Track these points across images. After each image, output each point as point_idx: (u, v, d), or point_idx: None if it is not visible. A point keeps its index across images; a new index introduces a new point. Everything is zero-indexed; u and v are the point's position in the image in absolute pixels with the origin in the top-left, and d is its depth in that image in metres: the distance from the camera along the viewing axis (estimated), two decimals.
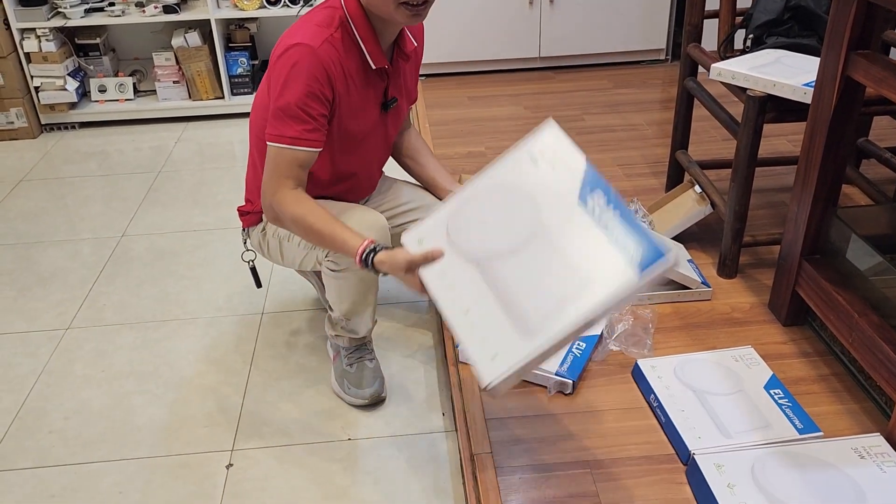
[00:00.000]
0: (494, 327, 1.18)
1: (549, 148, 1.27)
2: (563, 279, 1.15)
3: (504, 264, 1.22)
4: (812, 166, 1.56)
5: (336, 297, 1.59)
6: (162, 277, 2.23)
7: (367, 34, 1.46)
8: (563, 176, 1.23)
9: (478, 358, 1.18)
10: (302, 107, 1.41)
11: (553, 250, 1.18)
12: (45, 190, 2.80)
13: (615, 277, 1.10)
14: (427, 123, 3.01)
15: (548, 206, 1.23)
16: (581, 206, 1.19)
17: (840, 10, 1.41)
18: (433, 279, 1.29)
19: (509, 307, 1.18)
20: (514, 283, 1.19)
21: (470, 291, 1.23)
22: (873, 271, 1.50)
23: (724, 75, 1.75)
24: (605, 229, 1.14)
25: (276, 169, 1.46)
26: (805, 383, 1.57)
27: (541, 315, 1.14)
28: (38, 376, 1.84)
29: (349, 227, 1.42)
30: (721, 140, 2.74)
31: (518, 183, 1.28)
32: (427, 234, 1.35)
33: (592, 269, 1.13)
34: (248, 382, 1.79)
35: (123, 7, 3.18)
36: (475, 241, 1.28)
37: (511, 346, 1.14)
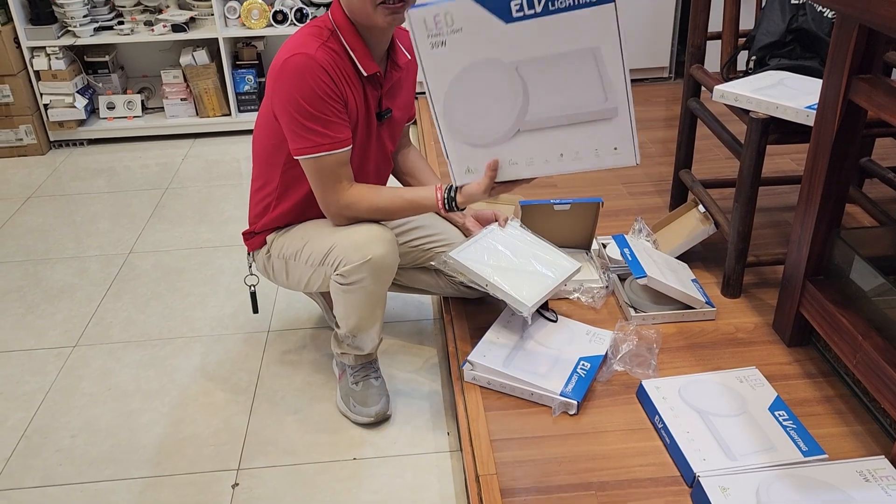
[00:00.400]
0: (589, 138, 1.36)
1: (434, 24, 1.34)
2: (579, 66, 1.31)
3: (532, 111, 1.37)
4: (815, 188, 1.58)
5: (343, 312, 1.60)
6: (168, 294, 2.24)
7: (355, 42, 1.50)
8: (474, 26, 1.33)
9: (607, 162, 1.39)
10: (318, 110, 1.44)
11: (545, 64, 1.33)
12: (54, 206, 2.82)
13: (604, 22, 1.28)
14: (432, 142, 3.03)
15: (498, 51, 1.34)
16: (515, 23, 1.31)
17: (841, 35, 1.43)
18: (513, 172, 1.44)
19: (577, 120, 1.36)
20: (555, 108, 1.36)
21: (542, 147, 1.39)
22: (877, 293, 1.51)
23: (728, 97, 1.76)
24: (550, 11, 1.29)
25: (322, 180, 1.51)
26: (809, 405, 1.57)
27: (600, 99, 1.33)
28: (46, 394, 1.85)
29: (416, 189, 1.56)
30: (724, 158, 2.76)
31: (458, 68, 1.37)
32: (465, 162, 1.47)
33: (585, 40, 1.30)
34: (254, 401, 1.80)
35: (133, 26, 3.22)
36: (497, 126, 1.40)
37: (616, 131, 1.35)
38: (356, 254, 1.50)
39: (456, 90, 1.39)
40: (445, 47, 1.35)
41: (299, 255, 1.61)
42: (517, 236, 1.79)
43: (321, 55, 1.44)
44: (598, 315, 1.87)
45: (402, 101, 1.68)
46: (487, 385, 1.64)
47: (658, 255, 1.96)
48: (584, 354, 1.67)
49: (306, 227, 1.64)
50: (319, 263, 1.58)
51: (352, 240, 1.52)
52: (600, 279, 1.96)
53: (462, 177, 1.48)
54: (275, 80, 1.46)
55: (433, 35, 1.35)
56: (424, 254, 1.80)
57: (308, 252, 1.59)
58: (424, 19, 1.34)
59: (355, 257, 1.50)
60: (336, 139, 1.47)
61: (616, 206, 2.43)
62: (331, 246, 1.54)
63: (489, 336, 1.72)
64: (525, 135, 1.40)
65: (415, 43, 1.36)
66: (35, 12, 3.12)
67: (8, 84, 3.10)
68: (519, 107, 1.38)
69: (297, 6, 3.23)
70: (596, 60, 1.30)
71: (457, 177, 1.49)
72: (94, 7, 3.21)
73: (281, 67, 1.44)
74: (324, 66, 1.43)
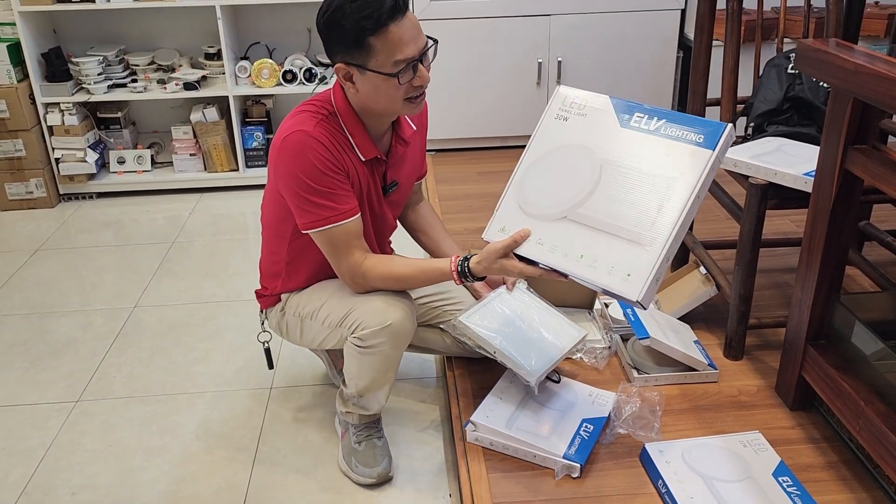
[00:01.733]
0: (614, 254, 1.32)
1: (570, 103, 1.45)
2: (649, 188, 1.31)
3: (588, 206, 1.37)
4: (814, 253, 1.60)
5: (356, 372, 1.60)
6: (172, 349, 2.25)
7: (354, 128, 1.52)
8: (596, 116, 1.42)
9: (614, 283, 1.30)
10: (321, 185, 1.46)
11: (626, 172, 1.35)
12: (61, 259, 2.85)
13: (694, 163, 1.29)
14: (437, 198, 3.08)
15: (599, 145, 1.39)
16: (627, 129, 1.37)
17: (836, 108, 1.47)
18: (534, 251, 1.41)
19: (616, 233, 1.33)
20: (607, 213, 1.35)
21: (573, 241, 1.37)
22: (878, 357, 1.52)
23: (727, 163, 1.80)
24: (660, 134, 1.34)
25: (335, 251, 1.52)
26: (813, 470, 1.57)
27: (647, 224, 1.30)
28: (47, 449, 1.84)
29: (431, 261, 1.55)
30: (725, 219, 2.79)
31: (561, 142, 1.44)
32: (505, 220, 1.48)
33: (670, 168, 1.31)
34: (256, 459, 1.80)
35: (146, 84, 3.30)
36: (552, 203, 1.41)
37: (638, 260, 1.29)
38: (376, 318, 1.51)
39: (546, 159, 1.46)
40: (566, 122, 1.45)
41: (316, 315, 1.62)
42: (525, 301, 1.80)
43: (318, 131, 1.46)
44: (600, 376, 1.88)
45: (410, 169, 1.71)
46: (490, 446, 1.63)
47: (660, 315, 1.97)
48: (586, 416, 1.67)
49: (325, 286, 1.65)
50: (337, 325, 1.58)
51: (372, 304, 1.53)
52: (603, 339, 1.97)
53: (494, 233, 1.48)
54: (276, 158, 1.49)
55: (563, 110, 1.46)
56: (431, 312, 1.81)
57: (326, 313, 1.60)
58: (566, 97, 1.46)
59: (375, 322, 1.51)
60: (342, 210, 1.49)
61: None
62: (350, 309, 1.55)
63: (492, 396, 1.72)
64: (567, 223, 1.39)
65: (546, 110, 1.48)
66: (51, 70, 3.21)
67: (21, 139, 3.17)
68: (582, 196, 1.38)
69: (307, 66, 3.32)
70: (667, 189, 1.30)
71: (489, 231, 1.49)
72: (108, 65, 3.30)
73: (280, 146, 1.47)
74: (322, 141, 1.45)
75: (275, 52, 3.51)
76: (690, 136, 1.31)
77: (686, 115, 1.34)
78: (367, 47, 1.39)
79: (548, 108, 1.48)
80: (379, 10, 1.36)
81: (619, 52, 3.45)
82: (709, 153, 1.29)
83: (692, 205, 1.29)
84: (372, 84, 1.44)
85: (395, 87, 1.43)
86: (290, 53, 3.42)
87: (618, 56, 3.46)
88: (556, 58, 3.43)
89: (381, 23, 1.37)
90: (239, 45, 3.48)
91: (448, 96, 3.41)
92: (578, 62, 3.46)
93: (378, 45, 1.39)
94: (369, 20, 1.36)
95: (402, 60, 1.41)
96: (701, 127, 1.31)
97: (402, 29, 1.39)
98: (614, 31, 3.41)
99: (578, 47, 3.43)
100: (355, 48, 1.40)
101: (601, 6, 3.37)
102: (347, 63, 1.43)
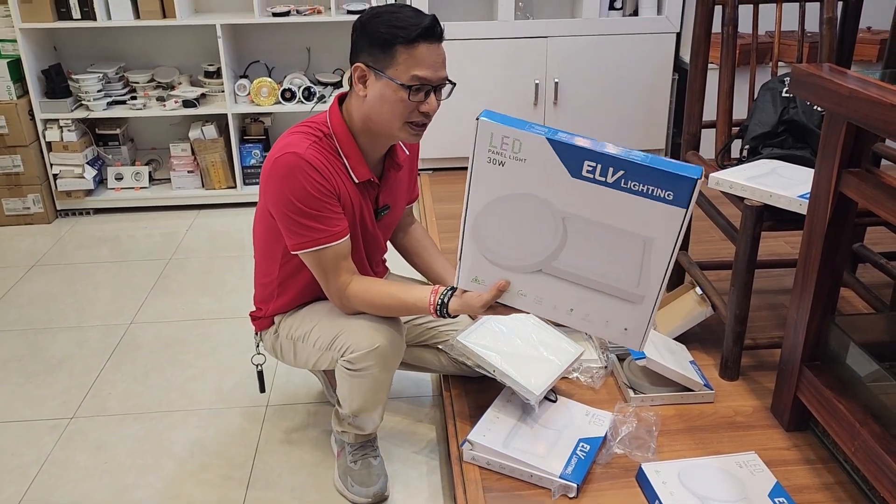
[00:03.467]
0: (606, 310, 1.29)
1: (500, 142, 1.25)
2: (625, 247, 1.25)
3: (562, 260, 1.30)
4: (809, 275, 1.61)
5: (348, 395, 1.61)
6: (168, 366, 2.25)
7: (349, 150, 1.53)
8: (538, 163, 1.23)
9: (614, 336, 1.30)
10: (311, 207, 1.46)
11: (596, 229, 1.25)
12: (57, 275, 2.85)
13: (669, 224, 1.20)
14: (434, 217, 3.09)
15: (553, 197, 1.25)
16: (581, 180, 1.22)
17: (830, 131, 1.49)
18: (518, 302, 1.37)
19: (602, 290, 1.29)
20: (586, 269, 1.29)
21: (558, 294, 1.32)
22: (873, 379, 1.52)
23: (723, 185, 1.82)
24: (621, 188, 1.19)
25: (323, 272, 1.52)
26: (809, 492, 1.57)
27: (632, 283, 1.26)
28: (41, 466, 1.83)
29: (413, 291, 1.52)
30: (720, 239, 2.80)
31: (506, 191, 1.28)
32: (476, 270, 1.38)
33: (643, 226, 1.22)
34: (251, 477, 1.79)
35: (145, 101, 3.32)
36: (520, 255, 1.33)
37: (632, 316, 1.27)
38: (364, 341, 1.51)
39: (495, 209, 1.31)
40: (502, 168, 1.26)
41: (307, 338, 1.63)
42: (521, 318, 1.81)
43: (311, 154, 1.46)
44: (596, 395, 1.88)
45: (403, 193, 1.73)
46: (486, 465, 1.63)
47: (656, 335, 1.98)
48: (583, 435, 1.67)
49: (316, 309, 1.66)
50: (327, 348, 1.59)
51: (360, 327, 1.54)
52: (599, 359, 1.98)
53: (467, 283, 1.41)
54: (266, 179, 1.50)
55: (495, 152, 1.26)
56: (428, 332, 1.82)
57: (316, 335, 1.61)
58: (492, 134, 1.24)
59: (363, 345, 1.51)
60: (331, 232, 1.49)
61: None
62: (339, 332, 1.56)
63: (489, 415, 1.72)
64: (545, 276, 1.33)
65: (474, 149, 1.27)
66: (51, 86, 3.23)
67: (20, 154, 3.18)
68: (551, 251, 1.31)
69: (305, 85, 3.34)
70: (644, 249, 1.24)
71: (461, 280, 1.41)
72: (108, 82, 3.32)
73: (272, 167, 1.48)
74: (314, 164, 1.46)
75: (274, 71, 3.54)
76: (658, 192, 1.18)
77: (645, 163, 1.17)
78: (393, 54, 1.43)
79: (476, 148, 1.27)
80: (416, 25, 1.41)
81: (616, 74, 3.49)
82: (682, 211, 1.18)
83: (673, 260, 1.24)
84: (382, 91, 1.46)
85: (403, 101, 1.45)
86: (290, 72, 3.45)
87: (614, 78, 3.50)
88: (553, 79, 3.46)
89: (414, 37, 1.41)
90: (238, 64, 3.51)
91: (445, 116, 3.43)
92: (575, 84, 3.49)
93: (403, 55, 1.42)
94: (404, 30, 1.41)
95: (419, 78, 1.43)
96: (667, 182, 1.17)
97: (431, 52, 1.44)
98: (611, 53, 3.45)
99: (575, 69, 3.46)
100: (381, 52, 1.43)
101: (598, 29, 3.41)
102: (367, 65, 1.46)
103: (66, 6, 3.11)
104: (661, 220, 1.20)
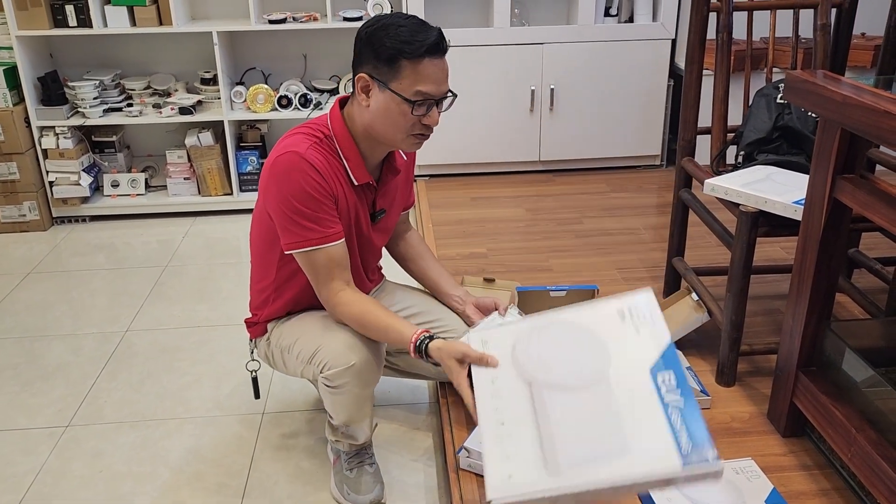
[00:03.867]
0: (522, 450, 1.14)
1: (641, 312, 1.25)
2: (607, 437, 1.12)
3: (555, 397, 1.20)
4: (805, 281, 1.61)
5: (332, 409, 1.62)
6: (164, 374, 2.24)
7: (350, 153, 1.54)
8: (646, 342, 1.21)
9: (493, 470, 1.14)
10: (308, 207, 1.47)
11: (608, 405, 1.16)
12: (53, 283, 2.84)
13: (657, 459, 1.07)
14: (430, 223, 3.09)
15: (619, 363, 1.21)
16: (651, 377, 1.16)
17: (825, 137, 1.49)
18: (482, 381, 1.28)
19: (545, 438, 1.15)
20: (559, 418, 1.17)
21: (514, 407, 1.21)
22: (869, 384, 1.52)
23: (718, 191, 1.82)
24: (666, 409, 1.12)
25: (316, 275, 1.53)
26: (806, 498, 1.57)
27: (571, 460, 1.11)
28: (37, 475, 1.83)
29: (398, 322, 1.50)
30: (716, 245, 2.81)
31: (599, 330, 1.26)
32: (493, 339, 1.33)
33: (639, 441, 1.10)
34: (247, 485, 1.78)
35: (141, 108, 3.32)
36: (537, 364, 1.25)
37: (530, 475, 1.11)
38: (340, 359, 1.51)
39: None
40: None
41: (291, 349, 1.63)
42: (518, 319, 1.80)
43: (312, 154, 1.47)
44: None
45: (399, 198, 1.73)
46: (483, 472, 1.62)
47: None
48: None
49: (301, 321, 1.66)
50: (308, 362, 1.59)
51: (337, 343, 1.54)
52: None
53: (473, 336, 1.35)
54: (266, 178, 1.51)
55: None
56: None
57: (298, 349, 1.61)
58: None
59: (339, 362, 1.51)
60: (325, 234, 1.50)
61: (611, 291, 2.44)
62: (318, 347, 1.56)
63: None
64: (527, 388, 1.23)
65: None
66: (47, 94, 3.23)
67: (15, 161, 3.17)
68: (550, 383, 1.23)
69: (302, 92, 3.34)
70: None
71: (470, 332, 1.37)
72: (104, 89, 3.32)
73: (272, 165, 1.49)
74: (314, 164, 1.46)
75: (270, 78, 3.54)
76: (683, 437, 1.09)
77: (699, 418, 1.10)
78: (398, 68, 1.43)
79: (624, 296, 1.27)
80: (423, 41, 1.42)
81: (612, 80, 3.50)
82: (675, 468, 1.06)
83: (614, 489, 1.08)
84: (385, 104, 1.46)
85: (406, 115, 1.46)
86: (286, 79, 3.45)
87: (610, 85, 3.51)
88: (549, 86, 3.47)
89: (420, 53, 1.42)
90: (235, 71, 3.51)
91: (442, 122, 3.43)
92: (571, 90, 3.50)
93: (408, 70, 1.43)
94: (410, 45, 1.42)
95: (423, 93, 1.44)
96: (697, 440, 1.07)
97: (435, 67, 1.45)
98: (606, 60, 3.46)
99: (571, 76, 3.47)
100: (386, 65, 1.44)
101: (593, 36, 3.42)
102: (372, 76, 1.46)
103: (62, 14, 3.12)
104: (655, 452, 1.08)
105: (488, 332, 1.37)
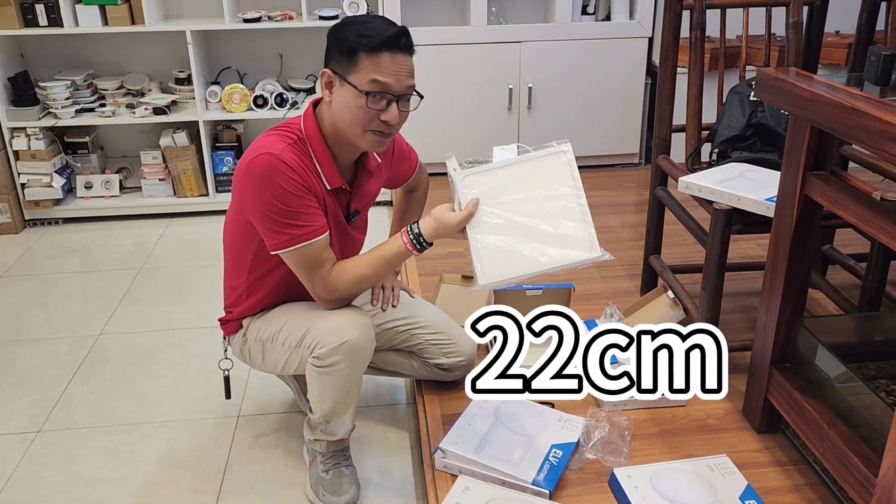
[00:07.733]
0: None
1: None
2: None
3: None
4: (777, 278, 1.62)
5: (319, 395, 1.59)
6: (138, 378, 2.21)
7: (322, 156, 1.53)
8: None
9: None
10: (290, 206, 1.46)
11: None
12: (25, 286, 2.80)
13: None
14: None
15: None
16: None
17: (795, 135, 1.50)
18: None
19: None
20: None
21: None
22: (840, 380, 1.54)
23: (692, 188, 1.83)
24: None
25: (306, 268, 1.53)
26: (780, 493, 1.58)
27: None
28: (7, 482, 1.80)
29: (385, 244, 1.55)
30: (693, 243, 2.81)
31: None
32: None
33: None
34: (222, 488, 1.77)
35: (114, 108, 3.28)
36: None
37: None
38: (332, 336, 1.51)
39: None
40: None
41: (276, 338, 1.62)
42: None
43: (287, 154, 1.47)
44: (570, 400, 1.87)
45: (372, 198, 1.73)
46: (459, 473, 1.62)
47: None
48: (556, 441, 1.67)
49: (284, 310, 1.65)
50: (296, 346, 1.58)
51: (328, 322, 1.53)
52: None
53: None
54: (242, 181, 1.49)
55: None
56: (399, 336, 1.81)
57: (285, 335, 1.60)
58: None
59: (331, 340, 1.51)
60: (313, 227, 1.50)
61: (588, 289, 2.46)
62: (307, 329, 1.55)
63: (461, 422, 1.71)
64: None
65: None
66: (17, 94, 3.18)
67: None
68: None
69: (278, 91, 3.32)
70: None
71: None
72: (76, 90, 3.27)
73: (247, 169, 1.47)
74: (289, 163, 1.46)
75: (246, 77, 3.51)
76: None
77: None
78: (356, 61, 1.44)
79: None
80: (381, 34, 1.43)
81: (589, 78, 3.50)
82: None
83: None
84: (345, 98, 1.47)
85: (363, 108, 1.45)
86: (262, 78, 3.42)
87: (588, 83, 3.51)
88: (527, 84, 3.47)
89: (377, 46, 1.43)
90: (209, 70, 3.48)
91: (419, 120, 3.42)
92: (549, 89, 3.50)
93: (365, 62, 1.43)
94: (368, 38, 1.43)
95: (378, 83, 1.44)
96: None
97: (394, 61, 1.45)
98: (584, 58, 3.46)
99: (549, 74, 3.47)
100: (346, 58, 1.45)
101: (571, 34, 3.42)
102: (334, 71, 1.48)
103: (32, 13, 3.07)
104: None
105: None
